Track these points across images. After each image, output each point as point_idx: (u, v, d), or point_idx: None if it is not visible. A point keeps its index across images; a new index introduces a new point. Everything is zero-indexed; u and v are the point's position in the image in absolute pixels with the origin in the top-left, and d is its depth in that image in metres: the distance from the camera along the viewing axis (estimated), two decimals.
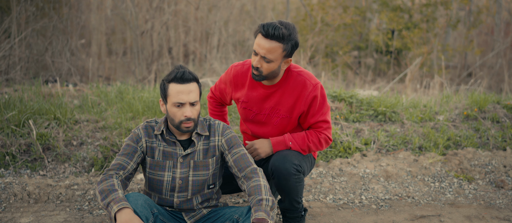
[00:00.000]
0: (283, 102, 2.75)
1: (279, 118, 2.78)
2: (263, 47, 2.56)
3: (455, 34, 11.79)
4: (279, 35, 2.53)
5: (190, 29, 10.16)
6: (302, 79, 2.72)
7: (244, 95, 2.83)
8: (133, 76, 8.68)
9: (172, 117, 2.43)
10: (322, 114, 2.76)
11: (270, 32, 2.53)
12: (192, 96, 2.39)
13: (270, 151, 2.79)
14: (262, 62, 2.61)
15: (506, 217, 3.27)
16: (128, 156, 2.46)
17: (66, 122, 4.15)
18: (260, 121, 2.84)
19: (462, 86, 7.07)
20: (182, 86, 2.39)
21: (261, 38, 2.57)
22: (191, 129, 2.44)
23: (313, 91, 2.70)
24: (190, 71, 2.43)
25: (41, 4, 7.91)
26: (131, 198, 2.32)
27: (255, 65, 2.62)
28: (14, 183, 3.44)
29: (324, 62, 9.89)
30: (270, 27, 2.53)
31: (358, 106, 4.85)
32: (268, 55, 2.57)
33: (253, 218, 2.27)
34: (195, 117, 2.43)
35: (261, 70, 2.63)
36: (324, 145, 2.83)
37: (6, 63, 6.81)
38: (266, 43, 2.55)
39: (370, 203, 3.47)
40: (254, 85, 2.80)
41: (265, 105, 2.79)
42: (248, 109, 2.85)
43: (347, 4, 11.05)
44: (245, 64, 2.85)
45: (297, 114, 2.76)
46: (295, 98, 2.72)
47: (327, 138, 2.81)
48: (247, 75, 2.82)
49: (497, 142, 4.49)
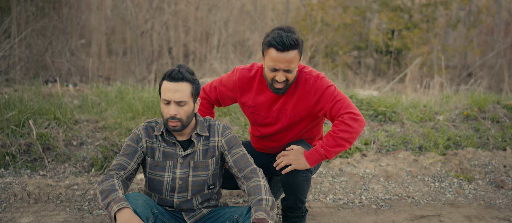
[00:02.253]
0: (289, 102, 2.72)
1: (287, 117, 2.75)
2: (283, 61, 2.50)
3: (455, 34, 11.79)
4: (294, 42, 2.49)
5: (190, 29, 10.16)
6: (303, 76, 2.70)
7: (251, 100, 2.80)
8: (133, 76, 8.68)
9: (162, 113, 2.45)
10: (333, 99, 2.64)
11: (287, 44, 2.47)
12: (177, 95, 2.37)
13: (307, 164, 2.66)
14: (287, 74, 2.56)
15: (506, 217, 3.27)
16: (128, 156, 2.46)
17: (66, 122, 4.15)
18: (269, 123, 2.82)
19: (462, 86, 7.07)
20: (170, 84, 2.38)
21: (277, 53, 2.50)
22: (178, 128, 2.41)
23: (315, 83, 2.66)
24: (184, 72, 2.40)
25: (41, 4, 7.91)
26: (131, 198, 2.32)
27: (280, 80, 2.56)
28: (14, 183, 3.44)
29: (324, 62, 9.89)
30: (283, 39, 2.47)
31: (358, 106, 4.85)
32: (290, 66, 2.53)
33: (253, 217, 2.27)
34: (181, 116, 2.40)
35: (287, 80, 2.59)
36: (355, 124, 2.59)
37: (6, 63, 6.81)
38: (286, 56, 2.50)
39: (370, 203, 3.47)
40: (262, 90, 2.76)
41: (273, 108, 2.77)
42: (256, 113, 2.82)
43: (347, 4, 11.05)
44: (252, 69, 2.79)
45: (306, 109, 2.71)
46: (299, 94, 2.70)
47: (352, 115, 2.60)
48: (255, 81, 2.78)
49: (497, 142, 4.49)
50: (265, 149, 2.97)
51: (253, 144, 3.04)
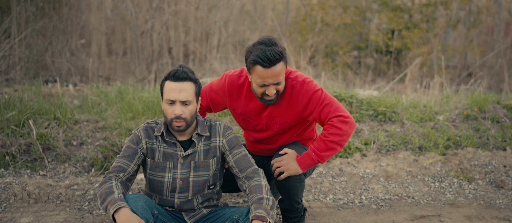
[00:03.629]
0: (276, 109, 2.72)
1: (277, 124, 2.76)
2: (272, 76, 2.50)
3: (455, 34, 11.79)
4: (278, 55, 2.48)
5: (190, 29, 10.16)
6: (289, 83, 2.68)
7: (241, 107, 2.79)
8: (133, 76, 8.68)
9: (165, 114, 2.44)
10: (321, 103, 2.64)
11: (272, 59, 2.46)
12: (183, 95, 2.37)
13: (299, 169, 2.66)
14: (276, 87, 2.56)
15: (506, 217, 3.27)
16: (128, 158, 2.46)
17: (66, 122, 4.15)
18: (260, 129, 2.83)
19: (462, 86, 7.07)
20: (174, 84, 2.38)
21: (264, 70, 2.48)
22: (182, 128, 2.41)
23: (301, 88, 2.65)
24: (187, 71, 2.41)
25: (41, 4, 7.91)
26: (131, 200, 2.32)
27: (272, 94, 2.56)
28: (14, 183, 3.44)
29: (324, 62, 9.89)
30: (267, 54, 2.45)
31: (358, 106, 4.85)
32: (279, 78, 2.53)
33: (253, 214, 2.27)
34: (186, 116, 2.40)
35: (278, 92, 2.59)
36: (345, 127, 2.59)
37: (6, 63, 6.81)
38: (273, 70, 2.49)
39: (370, 203, 3.47)
40: (251, 98, 2.75)
41: (262, 115, 2.77)
42: (247, 120, 2.83)
43: (347, 4, 11.05)
44: (241, 76, 2.78)
45: (295, 115, 2.71)
46: (287, 101, 2.69)
47: (342, 118, 2.59)
48: (243, 88, 2.77)
49: (497, 142, 4.49)
50: (259, 151, 2.98)
51: (248, 147, 3.05)
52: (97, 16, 9.33)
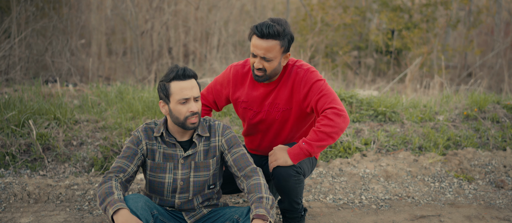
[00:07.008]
0: (281, 96, 2.75)
1: (279, 112, 2.78)
2: (261, 48, 2.57)
3: (455, 34, 11.79)
4: (274, 32, 2.54)
5: (190, 29, 10.16)
6: (295, 70, 2.73)
7: (244, 95, 2.83)
8: (133, 76, 8.68)
9: (177, 115, 2.42)
10: (320, 92, 2.64)
11: (264, 32, 2.54)
12: (195, 91, 2.42)
13: (289, 160, 2.65)
14: (263, 62, 2.61)
15: (506, 217, 3.27)
16: (128, 159, 2.46)
17: (66, 122, 4.15)
18: (261, 118, 2.83)
19: (462, 86, 7.07)
20: (185, 83, 2.40)
21: (257, 39, 2.58)
22: (197, 125, 2.44)
23: (305, 75, 2.69)
24: (189, 68, 2.45)
25: (41, 4, 7.91)
26: (131, 200, 2.32)
27: (257, 66, 2.62)
28: (14, 183, 3.44)
29: (324, 62, 9.89)
30: (263, 27, 2.54)
31: (358, 106, 4.85)
32: (267, 54, 2.58)
33: (253, 213, 2.27)
34: (200, 111, 2.45)
35: (265, 70, 2.63)
36: (338, 120, 2.56)
37: (6, 63, 6.82)
38: (264, 43, 2.56)
39: (370, 203, 3.47)
40: (255, 85, 2.81)
41: (265, 102, 2.80)
42: (248, 109, 2.84)
43: (347, 4, 11.05)
44: (246, 65, 2.85)
45: (297, 101, 2.72)
46: (291, 87, 2.72)
47: (335, 111, 2.57)
48: (248, 76, 2.83)
49: (497, 142, 4.49)
50: (256, 149, 2.99)
51: (247, 145, 3.06)
52: (97, 16, 9.33)
